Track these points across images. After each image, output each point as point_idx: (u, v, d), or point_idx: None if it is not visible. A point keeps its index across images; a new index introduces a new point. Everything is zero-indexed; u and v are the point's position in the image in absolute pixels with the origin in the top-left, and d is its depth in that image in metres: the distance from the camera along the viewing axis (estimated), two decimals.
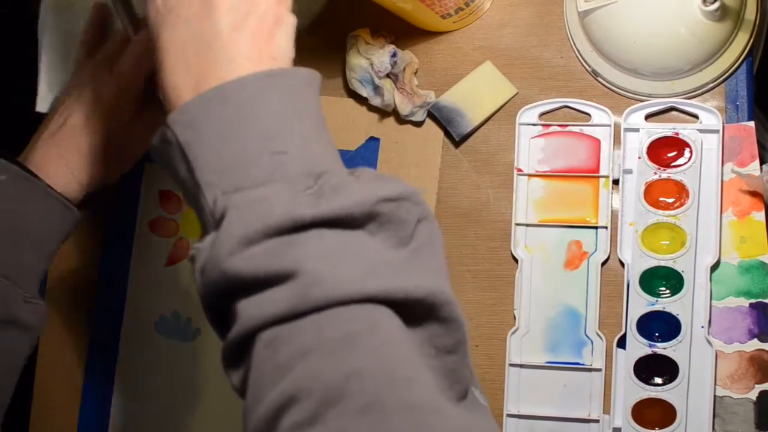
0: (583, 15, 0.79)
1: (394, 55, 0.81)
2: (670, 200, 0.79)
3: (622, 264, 0.80)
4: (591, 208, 0.81)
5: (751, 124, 0.79)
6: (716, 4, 0.72)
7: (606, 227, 0.80)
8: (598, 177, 0.81)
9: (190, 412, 0.89)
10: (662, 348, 0.78)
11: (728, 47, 0.78)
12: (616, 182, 0.81)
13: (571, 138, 0.82)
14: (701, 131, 0.79)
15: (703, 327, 0.78)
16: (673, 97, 0.80)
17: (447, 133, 0.85)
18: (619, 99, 0.82)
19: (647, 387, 0.78)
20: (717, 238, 0.78)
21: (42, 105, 0.92)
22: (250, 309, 0.50)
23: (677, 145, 0.79)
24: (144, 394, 0.90)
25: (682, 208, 0.78)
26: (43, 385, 0.92)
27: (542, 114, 0.83)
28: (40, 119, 0.93)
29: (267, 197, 0.51)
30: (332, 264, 0.49)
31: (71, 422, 0.91)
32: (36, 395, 0.92)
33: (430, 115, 0.84)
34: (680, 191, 0.78)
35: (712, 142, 0.79)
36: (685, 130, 0.79)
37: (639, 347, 0.78)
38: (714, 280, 0.78)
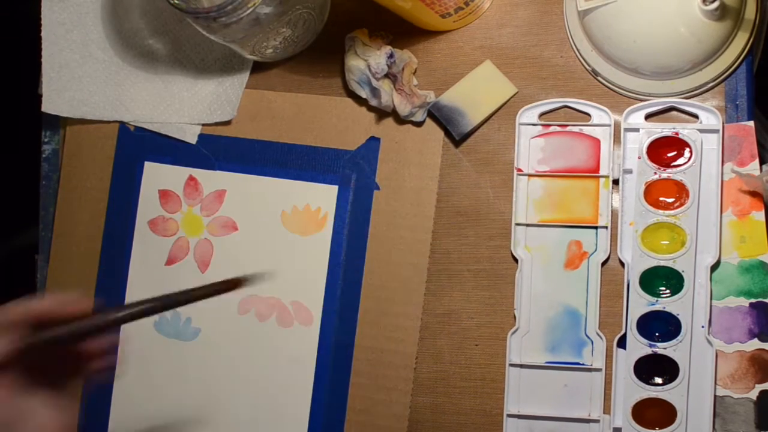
0: (583, 14, 0.79)
1: (390, 56, 0.81)
2: (670, 200, 0.79)
3: (622, 264, 0.80)
4: (591, 208, 0.81)
5: (751, 123, 0.79)
6: (716, 4, 0.72)
7: (606, 227, 0.80)
8: (598, 177, 0.81)
9: (190, 412, 0.89)
10: (662, 348, 0.78)
11: (728, 47, 0.78)
12: (616, 182, 0.81)
13: (571, 138, 0.82)
14: (701, 131, 0.79)
15: (703, 327, 0.78)
16: (672, 96, 0.80)
17: (447, 133, 0.85)
18: (619, 99, 0.82)
19: (647, 387, 0.78)
20: (717, 238, 0.78)
21: (48, 105, 0.92)
22: None
23: (677, 144, 0.79)
24: (144, 394, 0.90)
25: (682, 207, 0.78)
26: None
27: (542, 114, 0.83)
28: (44, 117, 0.93)
29: None
30: None
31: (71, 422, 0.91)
32: None
33: (430, 114, 0.84)
34: (680, 191, 0.78)
35: (712, 142, 0.79)
36: (685, 130, 0.79)
37: (639, 347, 0.78)
38: (714, 279, 0.78)
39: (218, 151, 0.89)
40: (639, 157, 0.79)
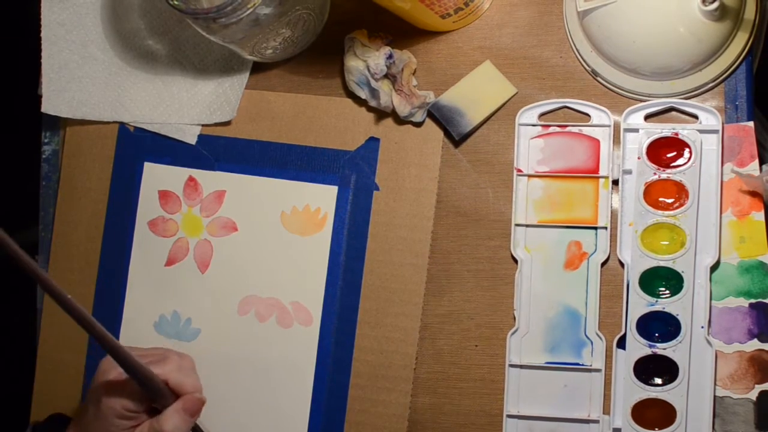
0: (583, 15, 0.79)
1: (389, 57, 0.81)
2: (670, 200, 0.79)
3: (622, 264, 0.80)
4: (591, 209, 0.81)
5: (751, 124, 0.79)
6: (715, 4, 0.72)
7: (606, 227, 0.80)
8: (598, 177, 0.81)
9: None
10: (662, 348, 0.78)
11: (728, 47, 0.78)
12: (615, 182, 0.81)
13: (571, 138, 0.82)
14: (701, 131, 0.79)
15: (702, 327, 0.78)
16: (672, 97, 0.80)
17: (447, 133, 0.85)
18: (618, 99, 0.82)
19: (647, 387, 0.78)
20: (717, 239, 0.78)
21: (47, 105, 0.92)
22: None
23: (677, 145, 0.79)
24: None
25: (682, 208, 0.78)
26: (44, 384, 0.92)
27: (542, 114, 0.83)
28: (44, 118, 0.93)
29: None
30: None
31: None
32: (36, 395, 0.92)
33: (430, 114, 0.84)
34: (680, 191, 0.78)
35: (712, 143, 0.79)
36: (685, 131, 0.79)
37: (639, 347, 0.78)
38: (714, 280, 0.78)
39: (218, 151, 0.89)
40: (638, 158, 0.79)
